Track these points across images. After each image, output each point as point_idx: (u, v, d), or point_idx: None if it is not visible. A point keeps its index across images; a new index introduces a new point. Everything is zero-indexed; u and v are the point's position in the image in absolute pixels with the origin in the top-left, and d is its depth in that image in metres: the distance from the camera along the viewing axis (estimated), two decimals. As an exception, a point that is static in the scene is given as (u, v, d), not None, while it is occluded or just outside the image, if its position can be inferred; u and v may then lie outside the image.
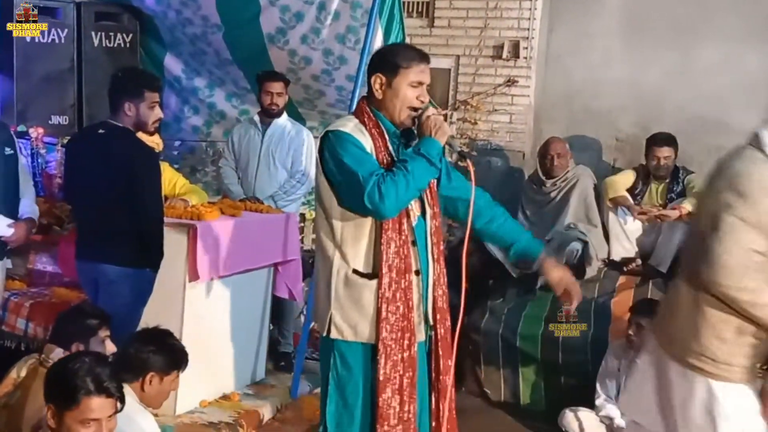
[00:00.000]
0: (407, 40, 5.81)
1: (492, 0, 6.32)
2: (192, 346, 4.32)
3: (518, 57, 6.28)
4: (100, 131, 4.09)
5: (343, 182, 2.92)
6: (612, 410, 4.78)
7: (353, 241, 2.96)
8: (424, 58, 3.01)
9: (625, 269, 5.65)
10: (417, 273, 3.01)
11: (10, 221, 4.23)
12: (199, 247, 4.26)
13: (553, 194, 5.82)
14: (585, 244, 5.52)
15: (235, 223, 4.61)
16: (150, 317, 3.94)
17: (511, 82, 6.33)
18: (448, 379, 3.09)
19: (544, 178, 5.84)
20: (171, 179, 4.86)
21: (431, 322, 3.09)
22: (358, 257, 2.96)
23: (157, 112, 4.10)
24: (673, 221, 5.47)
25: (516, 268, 5.81)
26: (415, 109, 2.98)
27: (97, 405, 2.54)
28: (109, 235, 4.00)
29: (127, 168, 3.97)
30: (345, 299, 2.97)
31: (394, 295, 2.93)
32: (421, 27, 6.56)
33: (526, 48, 6.26)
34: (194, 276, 4.29)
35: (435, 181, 3.11)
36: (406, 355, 2.96)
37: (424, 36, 6.54)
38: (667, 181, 5.67)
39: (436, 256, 3.09)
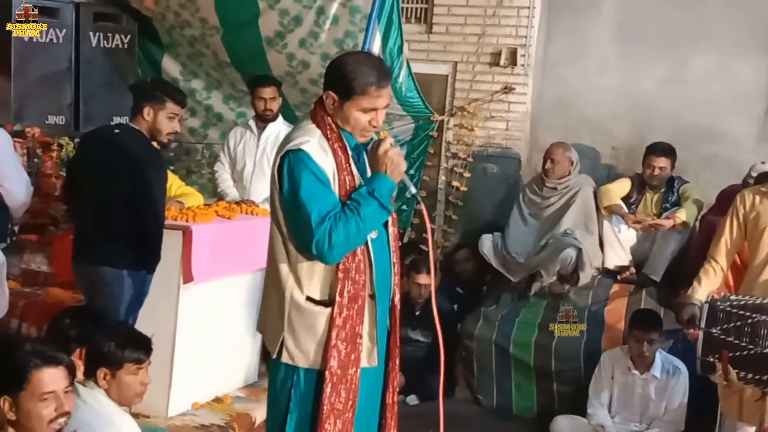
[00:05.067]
0: (405, 46, 5.83)
1: (490, 7, 6.33)
2: (185, 348, 4.37)
3: (515, 64, 6.29)
4: (116, 131, 4.14)
5: (295, 218, 2.75)
6: (604, 418, 4.79)
7: (308, 267, 2.82)
8: (383, 80, 2.76)
9: (618, 278, 5.66)
10: (372, 297, 2.87)
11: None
12: (193, 249, 4.25)
13: (552, 199, 5.84)
14: (579, 250, 5.54)
15: (230, 226, 4.61)
16: (144, 319, 3.94)
17: (508, 89, 6.34)
18: (396, 396, 3.04)
19: (543, 181, 5.87)
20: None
21: (388, 331, 2.99)
22: (313, 284, 2.82)
23: (175, 125, 4.13)
24: (667, 230, 5.49)
25: (511, 272, 5.82)
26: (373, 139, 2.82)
27: (49, 376, 2.55)
28: (108, 237, 3.99)
29: (133, 170, 3.96)
30: (298, 325, 2.83)
31: (345, 322, 2.81)
32: (419, 33, 6.57)
33: (524, 55, 6.27)
34: (188, 278, 4.28)
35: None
36: (351, 385, 2.86)
37: (422, 42, 6.56)
38: (662, 190, 5.69)
39: (396, 264, 2.99)
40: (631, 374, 4.79)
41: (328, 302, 2.83)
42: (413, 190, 2.95)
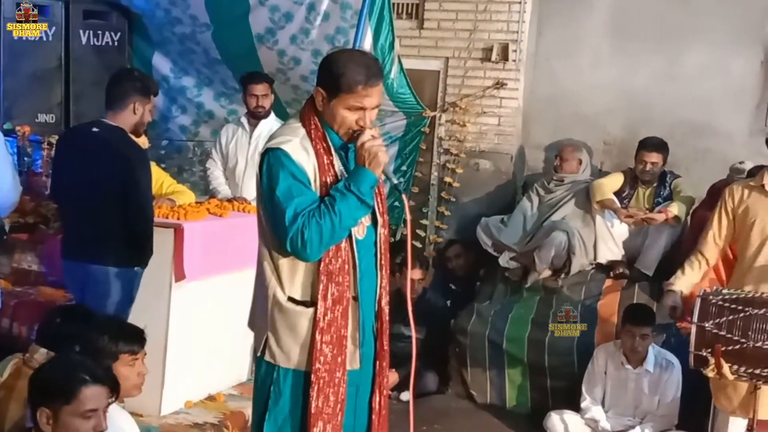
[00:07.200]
0: (396, 42, 5.82)
1: (481, 2, 6.33)
2: (178, 347, 4.36)
3: (507, 59, 6.29)
4: (94, 129, 4.10)
5: (272, 216, 2.73)
6: (597, 413, 4.80)
7: (289, 267, 2.79)
8: (371, 79, 2.70)
9: (612, 274, 5.66)
10: (354, 299, 2.84)
11: None
12: (185, 247, 4.25)
13: (557, 192, 5.89)
14: (570, 235, 5.56)
15: (222, 224, 4.60)
16: (136, 317, 3.93)
17: (499, 84, 6.34)
18: (384, 400, 3.01)
19: (552, 175, 5.96)
20: (158, 179, 4.84)
21: (375, 334, 2.96)
22: (294, 285, 2.80)
23: (149, 117, 4.17)
24: (660, 225, 5.50)
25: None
26: (354, 131, 2.77)
27: (94, 394, 2.57)
28: (98, 235, 3.98)
29: (121, 168, 3.96)
30: (280, 325, 2.81)
31: (329, 325, 2.77)
32: (411, 29, 6.56)
33: (515, 51, 6.27)
34: (180, 276, 4.27)
35: (383, 184, 2.95)
36: (338, 387, 2.83)
37: (414, 38, 6.55)
38: (655, 185, 5.70)
39: (384, 266, 2.95)
40: (624, 369, 4.79)
41: (310, 303, 2.80)
42: (394, 180, 2.89)
